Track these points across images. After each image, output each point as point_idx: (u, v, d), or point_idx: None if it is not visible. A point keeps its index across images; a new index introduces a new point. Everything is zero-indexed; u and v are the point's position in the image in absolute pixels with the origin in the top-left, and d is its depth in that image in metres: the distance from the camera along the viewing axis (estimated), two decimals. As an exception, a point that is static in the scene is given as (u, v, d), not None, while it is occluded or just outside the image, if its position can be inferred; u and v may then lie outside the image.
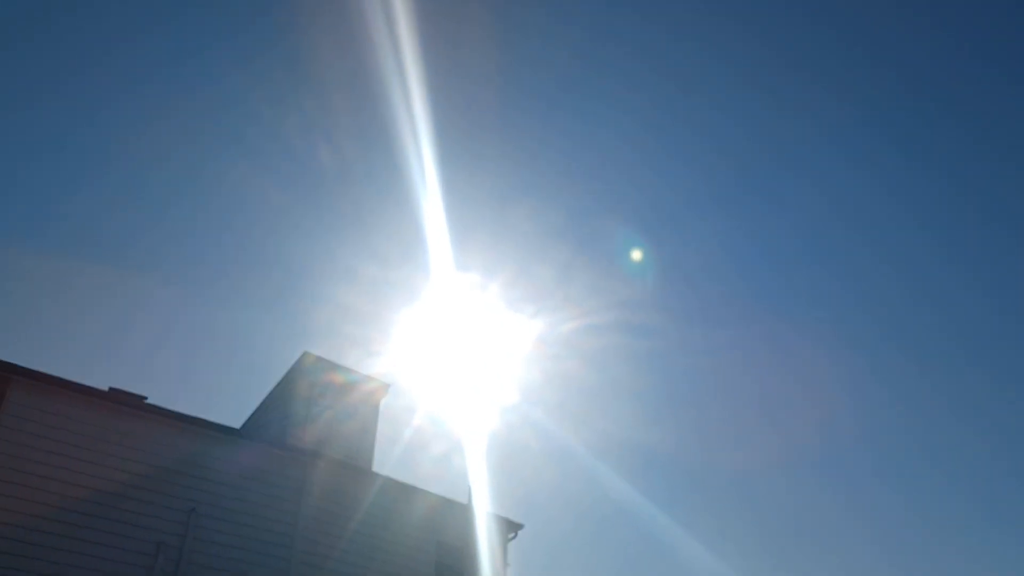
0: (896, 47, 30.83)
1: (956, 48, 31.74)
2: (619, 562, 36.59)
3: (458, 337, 19.40)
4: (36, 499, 11.78)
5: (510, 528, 17.49)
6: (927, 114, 33.59)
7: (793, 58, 31.80)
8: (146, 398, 13.63)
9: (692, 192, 34.03)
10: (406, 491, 16.46)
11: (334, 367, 17.45)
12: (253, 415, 17.91)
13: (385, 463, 17.07)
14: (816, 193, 34.46)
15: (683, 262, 32.21)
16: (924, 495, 38.25)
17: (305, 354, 17.30)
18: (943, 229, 36.31)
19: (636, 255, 25.07)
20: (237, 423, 17.57)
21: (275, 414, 17.01)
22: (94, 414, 12.79)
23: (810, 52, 31.82)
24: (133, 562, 12.32)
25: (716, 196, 35.01)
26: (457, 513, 16.97)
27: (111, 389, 13.46)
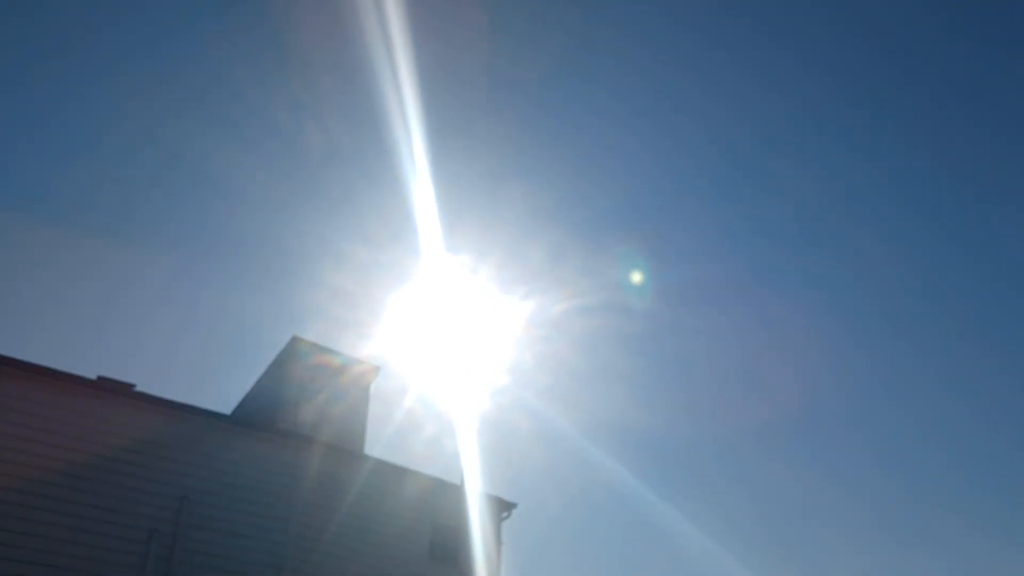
0: (891, 27, 30.71)
1: (951, 25, 31.61)
2: (611, 541, 36.91)
3: (449, 319, 19.41)
4: (27, 489, 11.74)
5: (503, 508, 17.57)
6: (922, 95, 33.53)
7: (787, 40, 31.63)
8: (134, 386, 13.56)
9: (683, 174, 33.87)
10: (398, 473, 16.49)
11: (324, 351, 17.40)
12: (243, 401, 17.87)
13: (377, 445, 17.11)
14: (808, 174, 34.43)
15: (675, 243, 32.18)
16: (921, 477, 38.66)
17: (295, 338, 17.23)
18: (933, 206, 36.44)
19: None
20: (227, 409, 17.52)
21: (265, 399, 16.96)
22: (82, 403, 12.72)
23: (805, 34, 31.68)
24: (126, 550, 12.31)
25: (708, 178, 34.92)
26: (450, 494, 17.03)
27: (99, 378, 13.38)
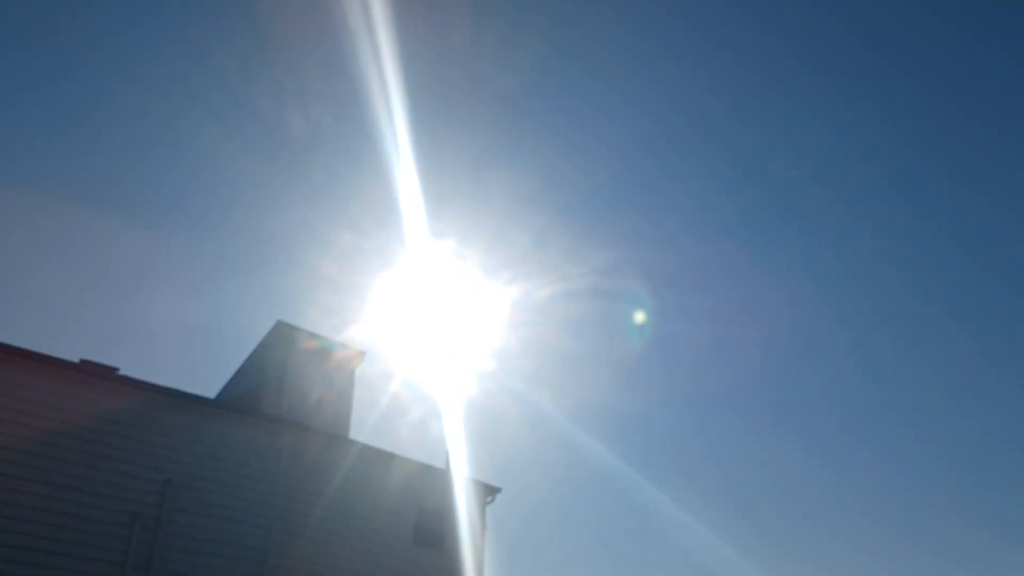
0: (877, 15, 30.80)
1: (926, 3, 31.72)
2: (596, 522, 37.20)
3: (434, 304, 19.39)
4: (9, 473, 11.65)
5: (488, 492, 17.63)
6: (906, 81, 33.67)
7: (771, 25, 31.70)
8: (118, 369, 13.47)
9: (667, 158, 33.99)
10: (383, 457, 16.50)
11: (309, 335, 17.35)
12: (227, 385, 17.80)
13: (362, 430, 17.11)
14: (791, 156, 34.59)
15: (659, 226, 32.24)
16: (899, 459, 39.17)
17: (279, 323, 17.18)
18: (906, 182, 36.75)
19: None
20: (212, 393, 17.46)
21: (250, 383, 16.91)
22: (65, 386, 12.63)
23: (790, 19, 31.71)
24: (109, 533, 12.27)
25: (691, 161, 35.02)
26: (435, 478, 17.07)
27: (82, 361, 13.27)
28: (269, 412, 15.75)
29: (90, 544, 12.02)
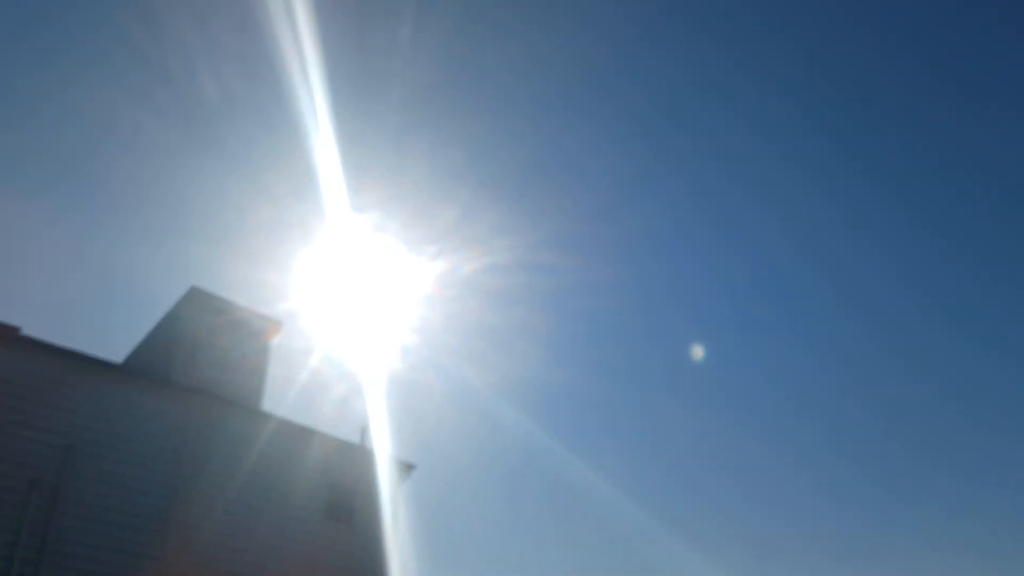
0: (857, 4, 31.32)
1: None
2: (521, 498, 37.54)
3: (355, 278, 19.13)
4: None
5: (404, 469, 17.54)
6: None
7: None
8: (20, 329, 12.80)
9: (596, 129, 33.86)
10: (296, 432, 16.19)
11: (224, 303, 16.85)
12: (136, 350, 17.15)
13: (279, 404, 16.74)
14: (730, 114, 34.87)
15: (587, 199, 32.24)
16: (838, 425, 40.36)
17: (193, 288, 16.60)
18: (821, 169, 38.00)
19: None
20: (119, 358, 16.78)
21: (160, 350, 16.32)
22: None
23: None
24: (5, 500, 11.71)
25: (623, 130, 35.00)
26: (350, 455, 16.88)
27: (-20, 318, 12.56)
28: (178, 380, 15.25)
29: (-18, 510, 11.44)
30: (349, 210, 18.92)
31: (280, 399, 16.77)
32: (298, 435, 16.19)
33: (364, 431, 17.29)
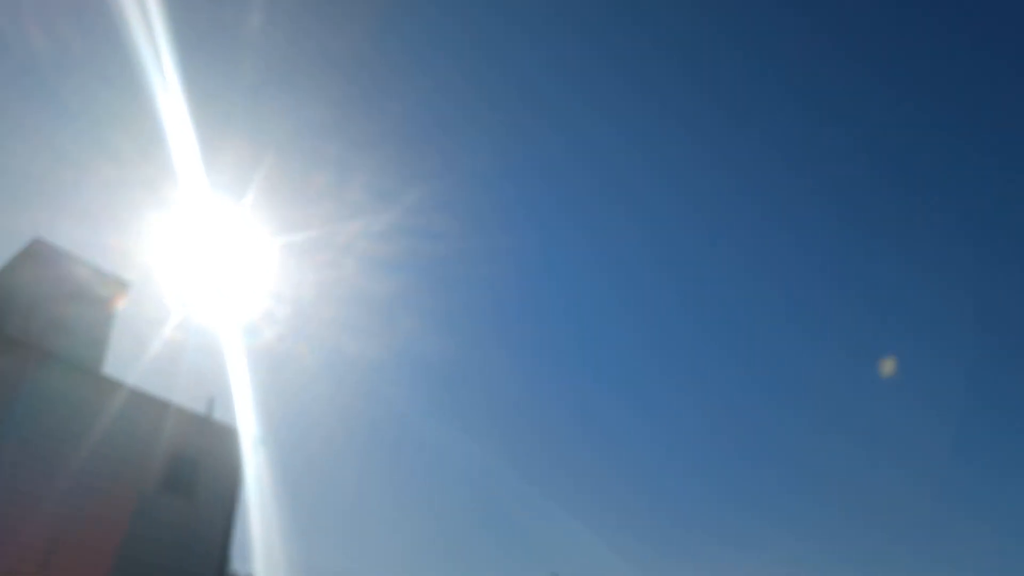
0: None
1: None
2: (395, 471, 36.63)
3: (212, 243, 18.50)
4: None
5: (249, 440, 17.16)
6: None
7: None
8: None
9: (482, 83, 32.30)
10: (139, 400, 15.52)
11: (68, 258, 15.94)
12: (-36, 300, 15.86)
13: (124, 370, 15.97)
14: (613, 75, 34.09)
15: (475, 161, 31.01)
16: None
17: (36, 240, 15.61)
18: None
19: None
20: (-59, 306, 15.46)
21: (-7, 301, 15.20)
22: None
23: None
24: None
25: (513, 87, 33.53)
26: (197, 426, 16.35)
27: None
28: (12, 334, 14.29)
29: None
30: (202, 169, 18.05)
31: (127, 365, 16.00)
32: (140, 403, 15.52)
33: (211, 402, 16.82)
